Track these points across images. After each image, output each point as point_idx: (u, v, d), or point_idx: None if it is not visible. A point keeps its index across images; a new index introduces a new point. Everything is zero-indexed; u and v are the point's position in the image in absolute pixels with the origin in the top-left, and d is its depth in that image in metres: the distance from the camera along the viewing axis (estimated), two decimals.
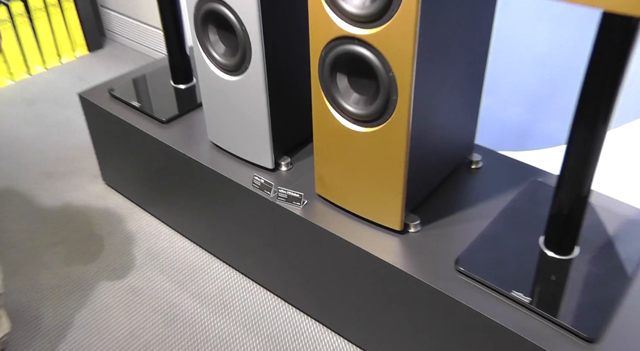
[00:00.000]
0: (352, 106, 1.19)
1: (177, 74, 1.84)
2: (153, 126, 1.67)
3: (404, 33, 1.02)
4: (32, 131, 2.29)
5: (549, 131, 1.61)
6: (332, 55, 1.15)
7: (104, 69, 2.69)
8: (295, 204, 1.37)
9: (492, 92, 1.67)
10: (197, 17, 1.38)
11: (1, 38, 1.17)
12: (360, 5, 1.06)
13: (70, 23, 2.71)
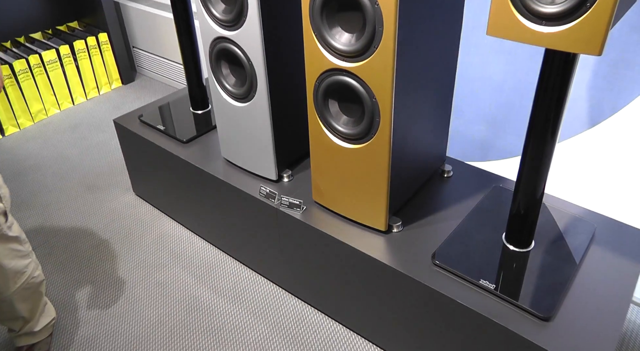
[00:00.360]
0: (342, 126, 1.18)
1: (195, 101, 1.83)
2: (175, 146, 1.66)
3: (384, 66, 1.01)
4: (75, 151, 2.28)
5: (506, 144, 1.60)
6: (325, 85, 1.14)
7: (135, 98, 2.68)
8: (296, 210, 1.36)
9: (459, 112, 1.67)
10: (211, 54, 1.37)
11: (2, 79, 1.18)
12: (347, 43, 1.06)
13: (108, 61, 2.70)
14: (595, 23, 0.70)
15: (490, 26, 0.81)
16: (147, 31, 2.68)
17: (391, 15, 0.96)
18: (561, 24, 0.73)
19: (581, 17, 0.71)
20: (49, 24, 2.71)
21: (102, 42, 2.63)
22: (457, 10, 1.19)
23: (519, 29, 0.77)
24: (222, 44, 1.32)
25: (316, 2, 1.06)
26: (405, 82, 1.08)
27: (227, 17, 1.26)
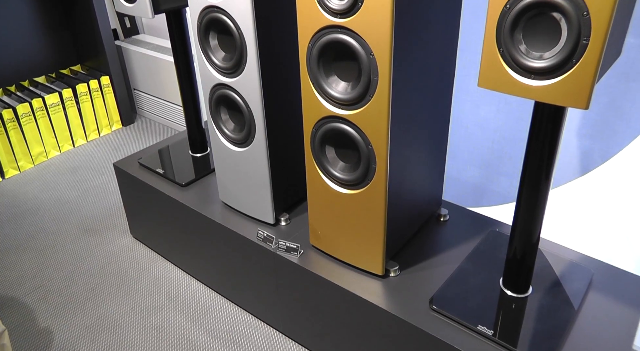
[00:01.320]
0: (339, 172, 1.19)
1: (194, 144, 1.86)
2: (173, 189, 1.67)
3: (379, 114, 1.04)
4: (74, 194, 2.28)
5: (500, 188, 1.61)
6: (322, 131, 1.17)
7: (134, 140, 2.71)
8: (293, 253, 1.36)
9: (453, 156, 1.69)
10: (211, 100, 1.40)
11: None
12: (343, 91, 1.09)
13: (109, 103, 2.75)
14: (582, 78, 0.72)
15: (481, 79, 0.83)
16: (148, 74, 2.73)
17: (386, 66, 0.99)
18: (549, 78, 0.76)
19: (568, 72, 0.73)
20: (52, 68, 2.77)
21: (104, 85, 2.68)
22: (450, 58, 1.23)
23: (509, 82, 0.80)
24: (222, 91, 1.35)
25: (313, 51, 1.09)
26: (400, 129, 1.10)
27: (227, 64, 1.30)
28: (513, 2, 0.76)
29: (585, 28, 0.70)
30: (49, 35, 2.71)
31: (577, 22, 0.70)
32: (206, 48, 1.32)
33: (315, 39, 1.08)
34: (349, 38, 1.02)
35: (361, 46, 1.00)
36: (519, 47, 0.77)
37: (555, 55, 0.74)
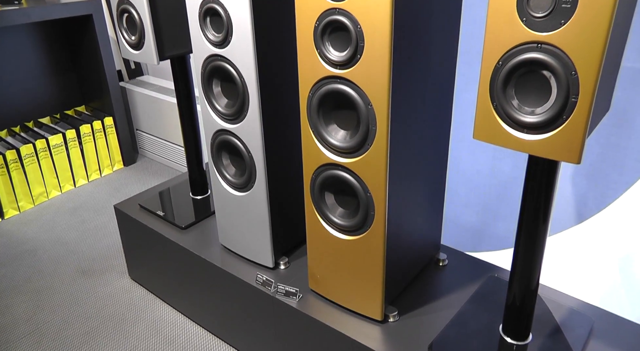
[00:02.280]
0: (338, 218, 1.21)
1: (195, 186, 1.87)
2: (173, 232, 1.68)
3: (378, 162, 1.06)
4: (73, 235, 2.29)
5: (499, 232, 1.62)
6: (321, 178, 1.19)
7: (135, 180, 2.73)
8: (292, 298, 1.35)
9: (451, 200, 1.70)
10: (212, 145, 1.43)
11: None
12: (342, 140, 1.12)
13: (111, 144, 2.78)
14: (572, 134, 0.75)
15: (476, 131, 0.86)
16: (150, 115, 2.78)
17: (384, 116, 1.02)
18: (541, 133, 0.78)
19: (559, 128, 0.76)
20: (57, 109, 2.82)
21: (107, 125, 2.73)
22: (446, 106, 1.27)
23: (503, 136, 0.82)
24: (223, 136, 1.38)
25: (313, 100, 1.12)
26: (399, 176, 1.12)
27: (229, 111, 1.33)
28: (505, 59, 0.79)
29: (573, 87, 0.73)
30: (56, 77, 2.78)
31: (566, 81, 0.73)
32: (209, 95, 1.36)
33: (315, 89, 1.11)
34: (348, 88, 1.05)
35: (360, 97, 1.04)
36: (512, 102, 0.80)
37: (546, 111, 0.77)
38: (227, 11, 1.21)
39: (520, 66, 0.78)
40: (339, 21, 1.01)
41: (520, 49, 0.77)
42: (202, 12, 1.26)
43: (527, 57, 0.76)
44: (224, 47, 1.26)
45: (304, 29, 1.08)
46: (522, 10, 0.75)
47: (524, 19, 0.75)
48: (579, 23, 0.70)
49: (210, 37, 1.27)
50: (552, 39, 0.73)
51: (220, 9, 1.22)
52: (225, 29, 1.23)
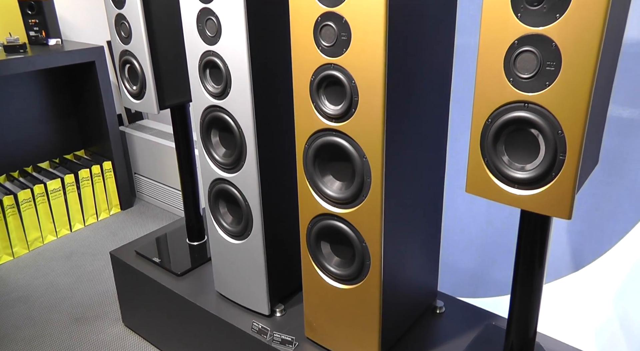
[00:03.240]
0: (334, 267, 1.21)
1: (191, 232, 1.87)
2: (169, 278, 1.67)
3: (373, 214, 1.07)
4: (67, 281, 2.26)
5: (495, 279, 1.62)
6: (317, 228, 1.20)
7: (132, 224, 2.73)
8: (288, 346, 1.33)
9: (447, 247, 1.71)
10: (210, 193, 1.44)
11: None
12: (338, 190, 1.13)
13: (109, 188, 2.79)
14: (562, 190, 0.77)
15: (468, 185, 0.88)
16: (149, 159, 2.81)
17: (378, 168, 1.04)
18: (532, 189, 0.80)
19: (548, 184, 0.78)
20: (57, 154, 2.85)
21: (106, 170, 2.75)
22: (440, 155, 1.29)
23: (494, 190, 0.84)
24: (221, 185, 1.40)
25: (309, 152, 1.15)
26: (394, 226, 1.13)
27: (227, 160, 1.35)
28: (494, 117, 0.82)
29: (560, 145, 0.76)
30: (56, 122, 2.82)
31: (553, 140, 0.76)
32: (208, 144, 1.38)
33: (311, 141, 1.14)
34: (343, 141, 1.08)
35: (355, 149, 1.06)
36: (502, 158, 0.83)
37: (536, 168, 0.79)
38: (226, 64, 1.25)
39: (509, 123, 0.80)
40: (334, 76, 1.05)
41: (508, 107, 0.80)
42: (202, 65, 1.30)
43: (515, 116, 0.79)
44: (222, 98, 1.29)
45: (300, 83, 1.11)
46: (509, 70, 0.78)
47: (511, 79, 0.78)
48: (563, 84, 0.73)
49: (210, 88, 1.31)
50: (539, 99, 0.76)
51: (220, 62, 1.26)
52: (224, 81, 1.27)
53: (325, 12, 1.01)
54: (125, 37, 1.51)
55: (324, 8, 1.01)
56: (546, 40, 0.73)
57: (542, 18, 0.73)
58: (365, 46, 0.97)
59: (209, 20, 1.24)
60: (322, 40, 1.04)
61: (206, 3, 1.23)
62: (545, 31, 0.73)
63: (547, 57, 0.74)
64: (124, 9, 1.47)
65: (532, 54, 0.75)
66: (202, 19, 1.26)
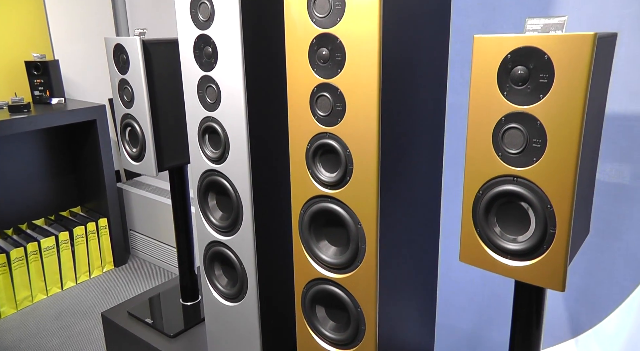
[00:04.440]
0: (329, 332, 1.19)
1: (185, 292, 1.85)
2: (162, 340, 1.63)
3: (368, 279, 1.07)
4: (56, 341, 2.20)
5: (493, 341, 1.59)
6: (312, 292, 1.19)
7: (125, 281, 2.69)
8: None
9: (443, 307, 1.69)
10: (206, 255, 1.44)
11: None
12: (333, 256, 1.13)
13: (104, 245, 2.77)
14: (554, 262, 0.78)
15: (462, 255, 0.89)
16: (145, 215, 2.81)
17: (373, 235, 1.05)
18: (524, 260, 0.81)
19: (540, 256, 0.79)
20: (52, 210, 2.84)
21: (101, 226, 2.74)
22: (434, 217, 1.30)
23: (488, 261, 0.85)
24: (217, 248, 1.40)
25: (305, 217, 1.16)
26: (389, 290, 1.13)
27: (224, 224, 1.36)
28: (485, 189, 0.84)
29: (550, 219, 0.77)
30: (54, 179, 2.84)
31: (543, 214, 0.78)
32: (205, 207, 1.39)
33: (307, 206, 1.15)
34: (338, 208, 1.09)
35: (349, 216, 1.07)
36: (494, 229, 0.84)
37: (527, 240, 0.80)
38: (225, 130, 1.28)
39: (499, 196, 0.82)
40: (329, 145, 1.08)
41: (498, 180, 0.82)
42: (201, 130, 1.34)
43: (505, 189, 0.81)
44: (220, 163, 1.32)
45: (296, 150, 1.14)
46: (497, 145, 0.81)
47: (500, 153, 0.81)
48: (550, 161, 0.76)
49: (208, 153, 1.34)
50: (527, 174, 0.79)
51: (219, 128, 1.29)
52: (223, 147, 1.30)
53: (320, 83, 1.05)
54: (127, 101, 1.55)
55: (320, 79, 1.05)
56: (531, 119, 0.77)
57: (527, 97, 0.77)
58: (359, 117, 1.01)
59: (209, 88, 1.29)
60: (318, 109, 1.07)
61: (207, 71, 1.28)
62: (530, 110, 0.77)
63: (533, 135, 0.77)
64: (127, 75, 1.53)
65: (519, 131, 0.78)
66: (203, 86, 1.30)
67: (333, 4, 1.00)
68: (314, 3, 1.02)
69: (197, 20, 1.26)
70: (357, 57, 0.98)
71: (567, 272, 0.78)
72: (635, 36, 1.15)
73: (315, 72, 1.05)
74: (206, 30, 1.25)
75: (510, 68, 0.78)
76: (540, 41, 0.74)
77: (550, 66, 0.73)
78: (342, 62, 1.01)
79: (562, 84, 0.74)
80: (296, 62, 1.07)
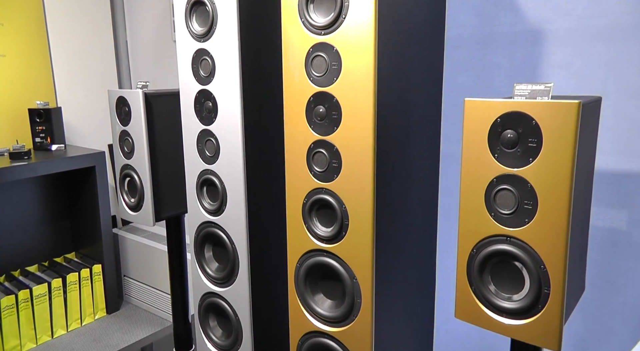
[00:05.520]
0: None
1: (179, 341, 1.81)
2: None
3: (363, 333, 1.06)
4: None
5: None
6: (307, 345, 1.17)
7: (117, 329, 2.62)
8: None
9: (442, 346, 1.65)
10: (200, 306, 1.42)
11: None
12: (328, 309, 1.12)
13: (97, 292, 2.72)
14: (550, 322, 0.78)
15: (457, 312, 0.88)
16: (140, 262, 2.77)
17: (368, 290, 1.04)
18: (520, 319, 0.81)
19: (535, 316, 0.79)
20: (46, 256, 2.81)
21: (95, 273, 2.70)
22: (430, 272, 1.30)
23: (483, 318, 0.84)
24: (212, 299, 1.38)
25: (300, 271, 1.15)
26: (384, 345, 1.11)
27: (219, 275, 1.35)
28: (479, 248, 0.85)
29: (544, 279, 0.78)
30: (50, 224, 2.82)
31: (537, 274, 0.78)
32: (201, 259, 1.39)
33: (302, 260, 1.15)
34: (334, 262, 1.09)
35: (345, 270, 1.07)
36: (489, 287, 0.84)
37: (522, 299, 0.80)
38: (223, 183, 1.30)
39: (493, 255, 0.83)
40: (325, 200, 1.09)
41: (492, 240, 0.83)
42: (199, 182, 1.35)
43: (498, 249, 0.82)
44: (218, 215, 1.32)
45: (293, 205, 1.15)
46: (490, 206, 0.83)
47: (492, 213, 0.82)
48: (542, 222, 0.77)
49: (206, 205, 1.35)
50: (520, 234, 0.80)
51: (217, 180, 1.30)
52: (220, 199, 1.31)
53: (317, 140, 1.08)
54: (127, 152, 1.57)
55: (317, 136, 1.08)
56: (522, 181, 0.79)
57: (517, 160, 0.79)
58: (355, 173, 1.02)
59: (209, 141, 1.31)
60: (315, 165, 1.09)
61: (207, 125, 1.30)
62: (520, 172, 0.79)
63: (525, 196, 0.78)
64: (129, 126, 1.55)
65: (510, 193, 0.79)
66: (203, 139, 1.32)
67: (330, 64, 1.03)
68: (312, 62, 1.06)
69: (198, 75, 1.30)
70: (353, 116, 1.00)
71: (562, 331, 0.77)
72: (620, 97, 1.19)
73: (312, 129, 1.08)
74: (207, 86, 1.29)
75: (500, 131, 0.80)
76: (528, 107, 0.77)
77: (539, 131, 0.76)
78: (339, 120, 1.03)
79: (550, 148, 0.76)
80: (294, 118, 1.10)
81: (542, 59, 1.31)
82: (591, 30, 1.21)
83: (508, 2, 1.36)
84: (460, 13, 1.45)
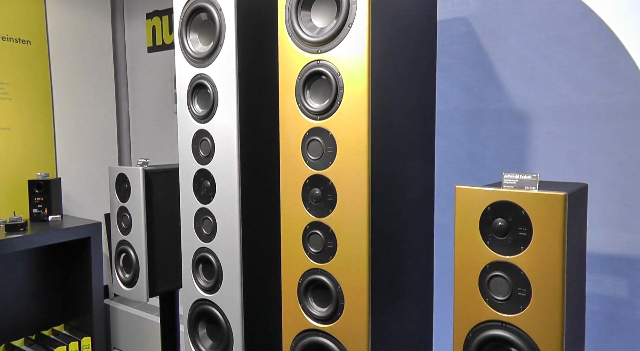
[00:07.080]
0: None
1: None
2: None
3: None
4: None
5: None
6: None
7: None
8: None
9: None
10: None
11: None
12: None
13: None
14: None
15: None
16: (131, 333, 2.68)
17: None
18: None
19: None
20: (34, 329, 2.71)
21: (84, 346, 2.59)
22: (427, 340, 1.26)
23: None
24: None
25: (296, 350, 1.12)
26: None
27: None
28: (474, 332, 0.83)
29: None
30: (39, 296, 2.74)
31: None
32: (195, 337, 1.35)
33: (297, 340, 1.12)
34: (329, 342, 1.06)
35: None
36: None
37: None
38: (219, 260, 1.29)
39: (489, 340, 0.81)
40: (320, 280, 1.08)
41: (487, 325, 0.82)
42: (195, 260, 1.34)
43: (494, 334, 0.81)
44: (213, 292, 1.30)
45: (288, 285, 1.14)
46: (484, 291, 0.82)
47: (487, 299, 0.82)
48: (536, 309, 0.77)
49: (201, 283, 1.33)
50: (514, 321, 0.79)
51: (212, 258, 1.30)
52: (216, 277, 1.29)
53: (313, 221, 1.09)
54: (125, 228, 1.57)
55: (312, 218, 1.09)
56: (515, 268, 0.79)
57: (508, 248, 0.80)
58: (350, 255, 1.02)
59: (206, 219, 1.32)
60: (310, 246, 1.09)
61: (205, 204, 1.31)
62: (513, 260, 0.79)
63: (518, 284, 0.78)
64: (127, 203, 1.56)
65: (504, 280, 0.80)
66: (200, 217, 1.33)
67: (325, 148, 1.06)
68: (308, 146, 1.09)
69: (198, 155, 1.33)
70: (348, 199, 1.02)
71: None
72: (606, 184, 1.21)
73: (308, 211, 1.09)
74: (206, 165, 1.31)
75: (491, 219, 0.82)
76: (516, 197, 0.79)
77: (528, 220, 0.77)
78: (334, 203, 1.05)
79: (540, 237, 0.77)
80: (290, 200, 1.11)
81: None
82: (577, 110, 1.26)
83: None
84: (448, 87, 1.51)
